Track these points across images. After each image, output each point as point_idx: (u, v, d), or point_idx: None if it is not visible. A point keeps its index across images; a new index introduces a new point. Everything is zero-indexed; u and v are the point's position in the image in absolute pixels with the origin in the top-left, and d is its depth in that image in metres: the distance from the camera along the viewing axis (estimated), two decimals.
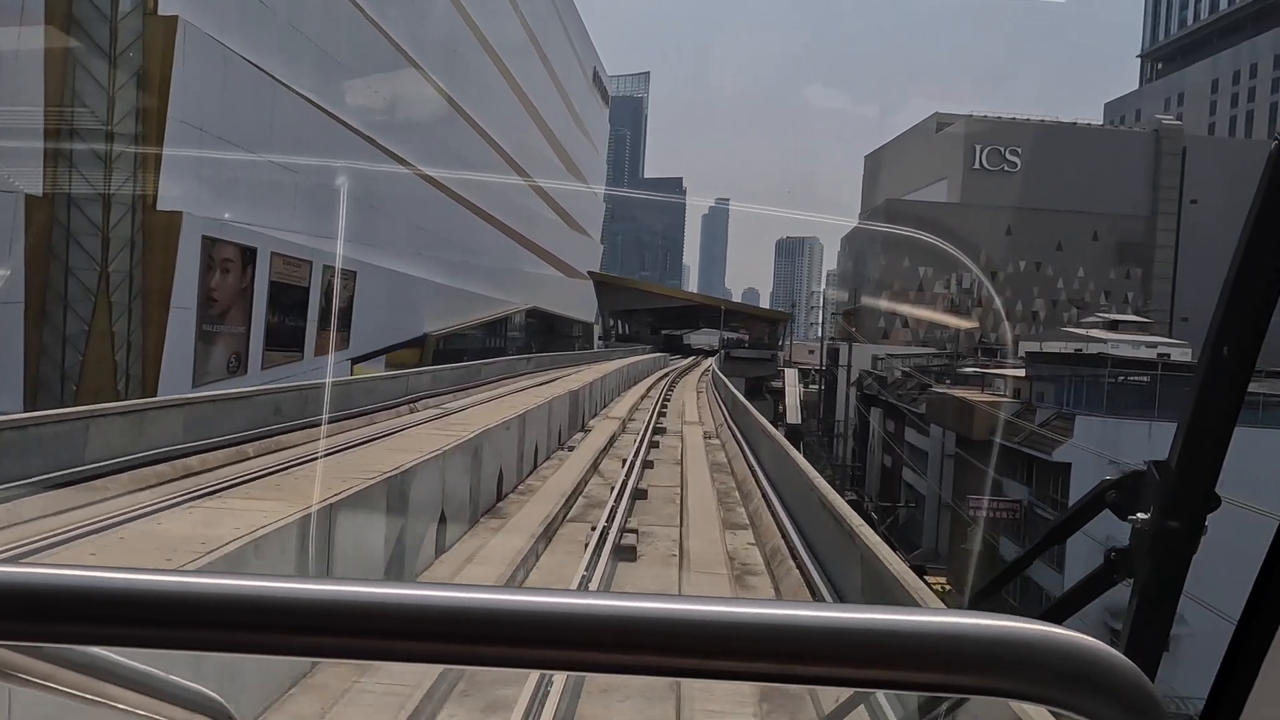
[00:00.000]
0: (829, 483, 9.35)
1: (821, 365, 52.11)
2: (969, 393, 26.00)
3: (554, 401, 15.91)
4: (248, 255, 25.84)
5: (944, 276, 57.88)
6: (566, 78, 71.19)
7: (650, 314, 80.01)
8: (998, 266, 57.81)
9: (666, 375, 41.27)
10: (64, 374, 21.15)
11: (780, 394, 69.93)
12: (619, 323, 78.95)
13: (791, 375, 72.66)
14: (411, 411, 18.86)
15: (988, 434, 21.23)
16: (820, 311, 70.44)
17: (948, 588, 21.04)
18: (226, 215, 24.68)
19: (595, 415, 22.25)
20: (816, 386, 67.28)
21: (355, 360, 34.39)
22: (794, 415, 62.90)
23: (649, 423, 20.49)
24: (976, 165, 59.91)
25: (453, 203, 46.15)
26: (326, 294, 31.67)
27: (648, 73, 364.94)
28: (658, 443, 17.94)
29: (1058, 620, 0.94)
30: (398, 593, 0.44)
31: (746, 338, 73.08)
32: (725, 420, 22.25)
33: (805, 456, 20.89)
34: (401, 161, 38.13)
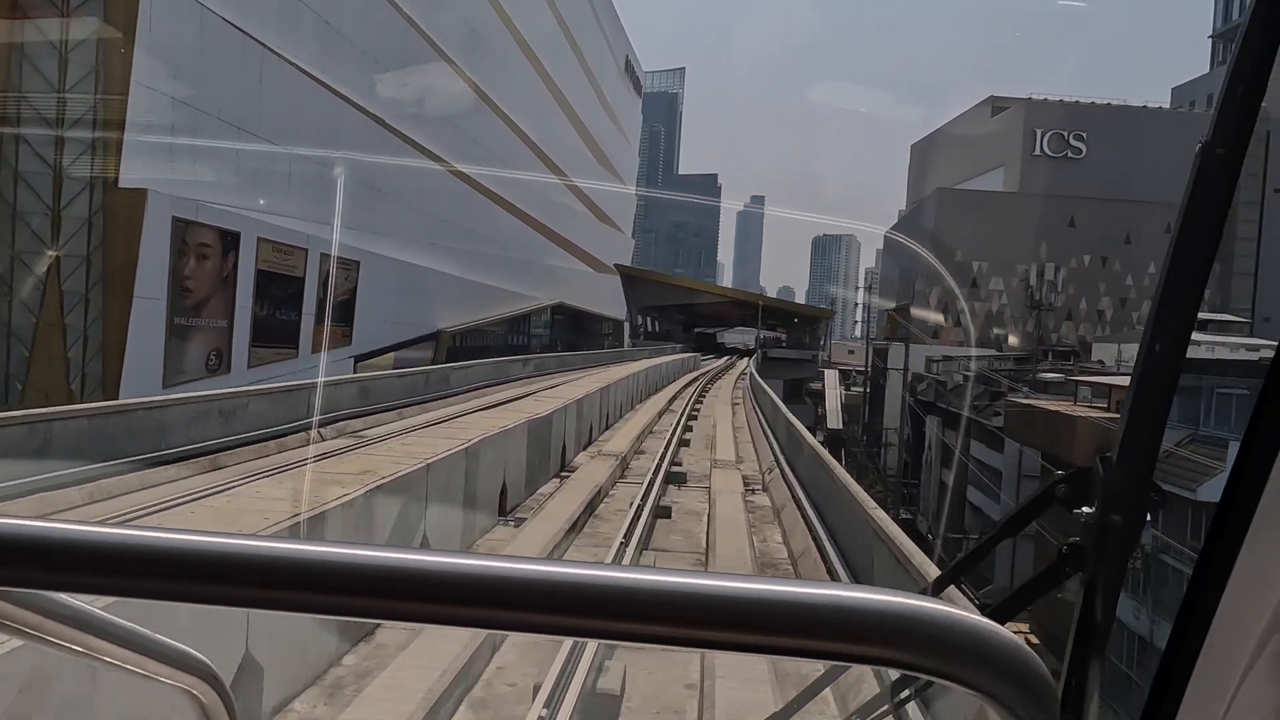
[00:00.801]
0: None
1: (866, 366, 48.25)
2: (1057, 404, 22.24)
3: (489, 441, 9.79)
4: (229, 240, 23.14)
5: (1001, 271, 53.55)
6: (596, 64, 68.13)
7: (682, 311, 76.12)
8: (1060, 260, 53.23)
9: (696, 380, 37.41)
10: (8, 372, 18.57)
11: (820, 396, 66.11)
12: (648, 320, 75.30)
13: (832, 376, 68.75)
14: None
15: (1090, 457, 17.52)
16: (864, 309, 66.38)
17: (1031, 639, 17.48)
18: (203, 196, 21.95)
19: (590, 443, 16.34)
20: (861, 389, 63.45)
21: (360, 359, 31.67)
22: (835, 420, 59.08)
23: (662, 460, 14.08)
24: (1037, 151, 55.40)
25: (471, 190, 43.34)
26: (326, 286, 28.96)
27: (683, 68, 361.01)
28: (669, 510, 10.97)
29: (1010, 616, 1.09)
30: (349, 553, 0.46)
31: (784, 336, 69.24)
32: (776, 461, 14.63)
33: (849, 468, 17.29)
34: (413, 145, 35.36)
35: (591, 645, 4.85)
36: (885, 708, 1.29)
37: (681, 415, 21.21)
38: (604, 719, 4.79)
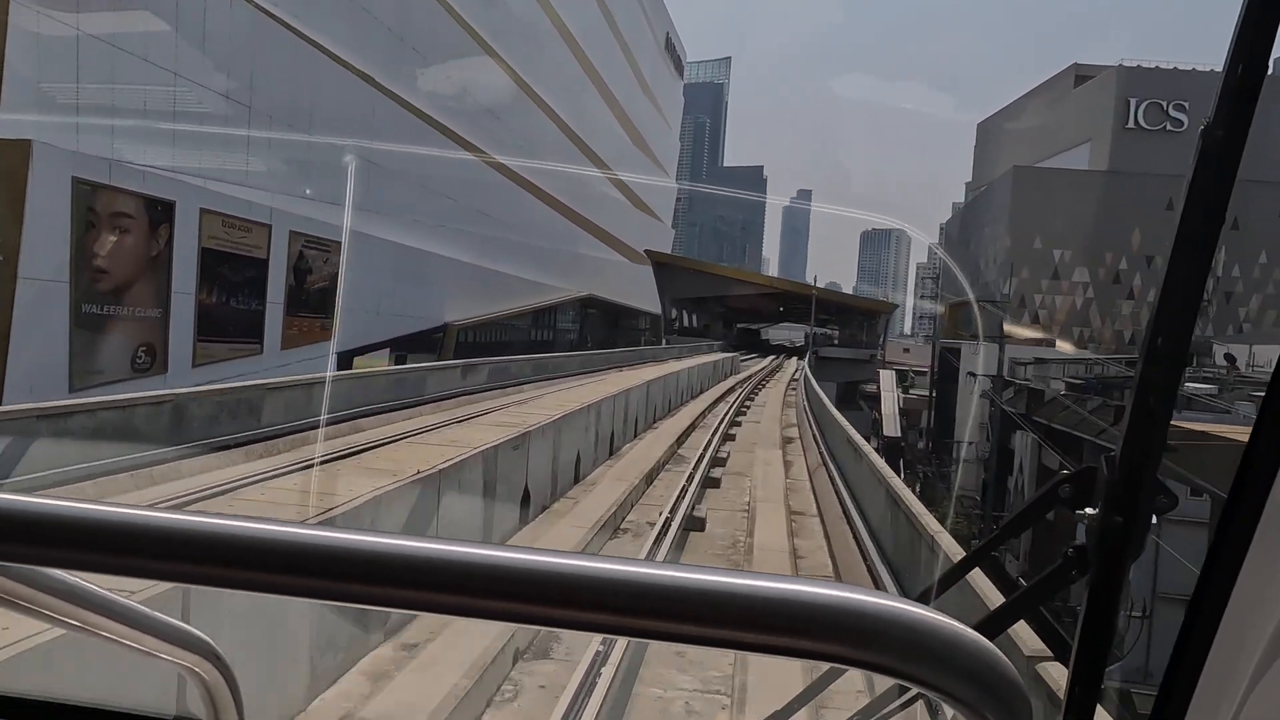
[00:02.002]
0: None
1: (931, 368, 42.49)
2: (1217, 426, 16.66)
3: None
4: (160, 211, 18.87)
5: (1086, 260, 47.06)
6: (633, 39, 63.15)
7: (722, 304, 69.70)
8: (1155, 249, 46.50)
9: (734, 391, 28.26)
10: None
11: (875, 400, 60.09)
12: (684, 313, 69.53)
13: (888, 378, 62.70)
14: None
15: None
16: (924, 305, 60.17)
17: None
18: (120, 153, 17.67)
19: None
20: (923, 392, 57.47)
21: (345, 355, 27.38)
22: (891, 426, 53.21)
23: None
24: (1131, 124, 48.60)
25: (487, 169, 38.84)
26: (300, 270, 24.67)
27: (729, 58, 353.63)
28: None
29: (1004, 627, 1.08)
30: (345, 538, 0.46)
31: (836, 333, 63.35)
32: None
33: (908, 481, 11.74)
34: (414, 111, 30.93)
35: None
36: (879, 715, 1.28)
37: (696, 475, 11.35)
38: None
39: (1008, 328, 48.91)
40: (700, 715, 4.95)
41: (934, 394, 40.26)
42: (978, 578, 4.34)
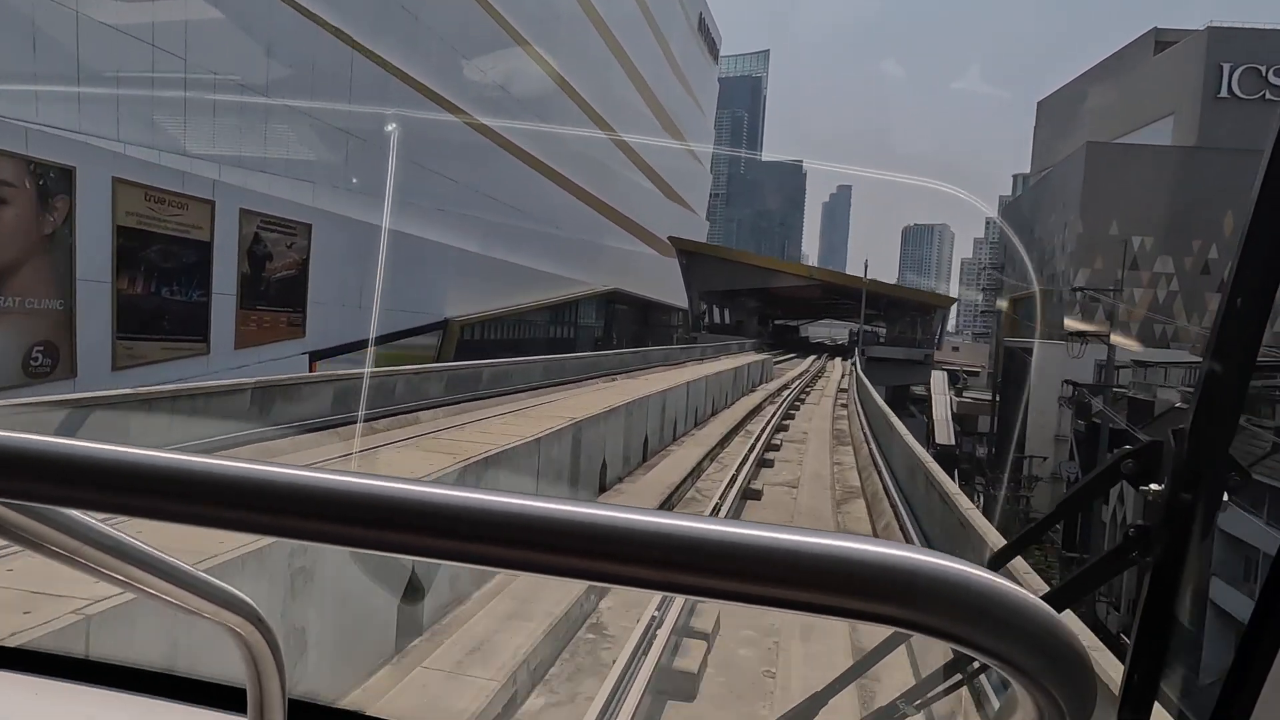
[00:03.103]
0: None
1: (994, 369, 37.56)
2: None
3: None
4: (54, 179, 15.34)
5: (1171, 248, 41.42)
6: (661, 16, 58.95)
7: (757, 298, 63.99)
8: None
9: (757, 414, 21.02)
10: None
11: (925, 403, 55.05)
12: (713, 308, 64.55)
13: (939, 379, 57.59)
14: None
15: None
16: (990, 295, 54.86)
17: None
18: None
19: None
20: (981, 396, 52.50)
21: (317, 355, 23.83)
22: (944, 433, 48.16)
23: None
24: (1223, 93, 42.87)
25: (496, 149, 35.11)
26: (256, 256, 21.13)
27: (767, 51, 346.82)
28: None
29: (1069, 602, 1.06)
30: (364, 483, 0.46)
31: (883, 331, 58.19)
32: None
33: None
34: (403, 78, 27.25)
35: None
36: (941, 686, 1.25)
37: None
38: None
39: (1075, 323, 43.58)
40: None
41: (997, 398, 35.35)
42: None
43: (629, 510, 0.44)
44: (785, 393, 26.47)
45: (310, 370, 23.40)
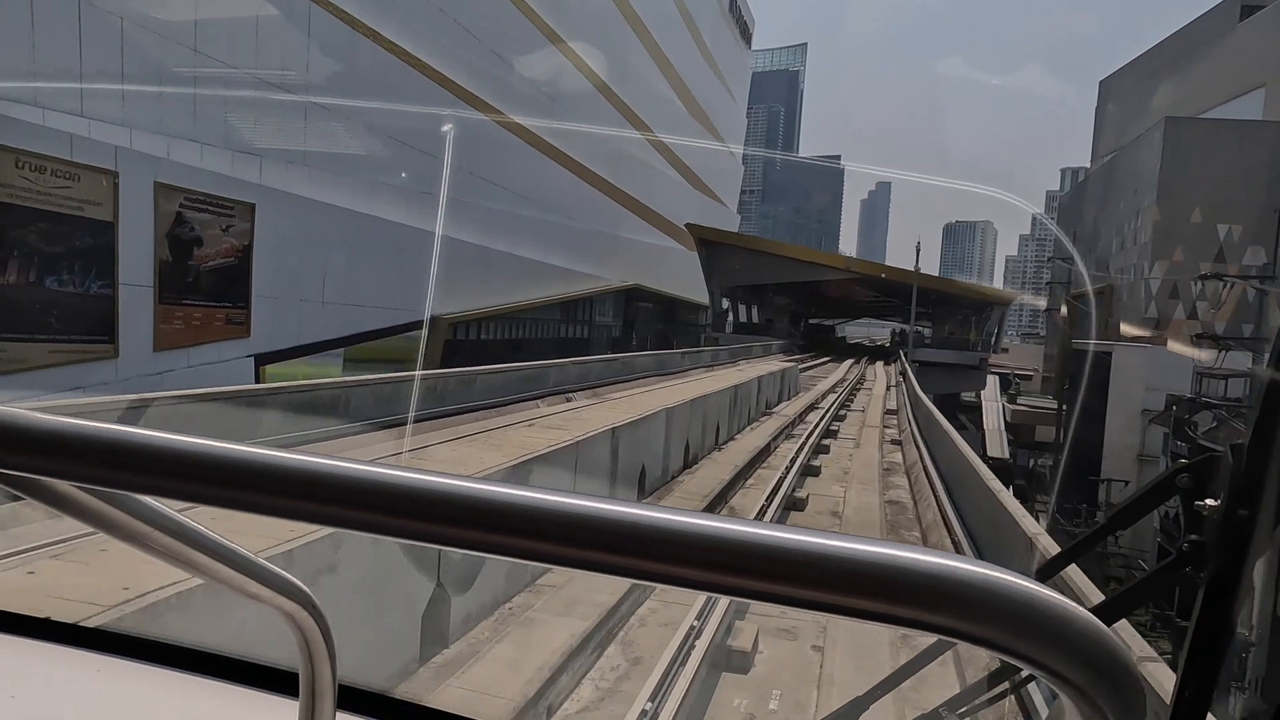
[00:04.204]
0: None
1: (1059, 374, 32.92)
2: None
3: None
4: None
5: (1263, 238, 36.36)
6: None
7: (787, 294, 58.39)
8: None
9: (764, 462, 14.18)
10: None
11: (975, 411, 50.16)
12: (738, 305, 59.56)
13: (990, 385, 52.68)
14: None
15: None
16: (1059, 290, 49.81)
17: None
18: None
19: None
20: (1036, 404, 47.69)
21: (264, 359, 20.42)
22: (996, 445, 43.42)
23: None
24: None
25: (496, 128, 31.51)
26: (180, 240, 17.73)
27: (805, 44, 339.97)
28: None
29: (1119, 615, 1.04)
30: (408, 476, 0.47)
31: (928, 331, 53.23)
32: None
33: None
34: (373, 36, 23.74)
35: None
36: (986, 695, 1.25)
37: None
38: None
39: (1138, 318, 38.56)
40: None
41: (1064, 410, 30.70)
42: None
43: (693, 515, 0.44)
44: (812, 417, 19.87)
45: (258, 378, 20.06)
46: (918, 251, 41.63)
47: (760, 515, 11.06)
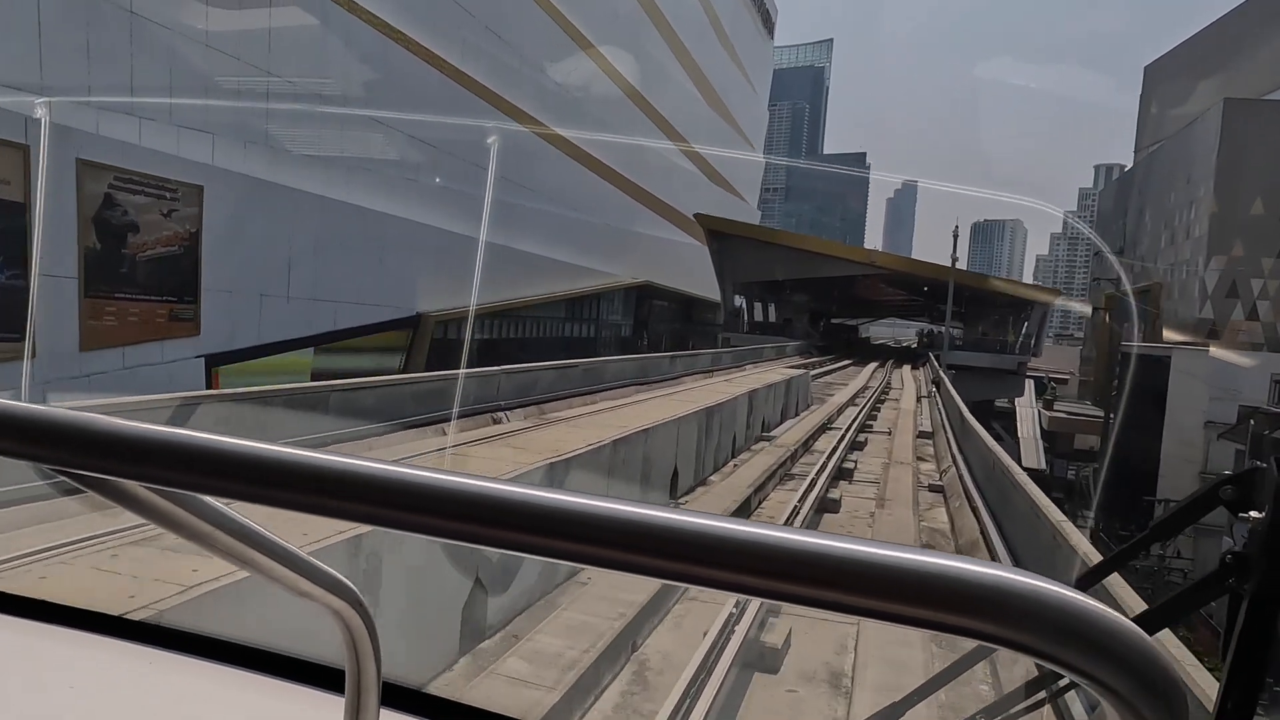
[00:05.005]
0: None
1: (1110, 380, 30.09)
2: None
3: None
4: None
5: None
6: None
7: (806, 290, 55.22)
8: None
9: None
10: None
11: (1009, 419, 47.15)
12: (752, 303, 56.53)
13: (1028, 390, 49.60)
14: None
15: None
16: (1106, 287, 46.62)
17: None
18: None
19: None
20: (1076, 411, 44.73)
21: (217, 360, 18.37)
22: (1031, 454, 40.47)
23: None
24: None
25: (491, 110, 29.36)
26: (110, 225, 15.72)
27: (830, 40, 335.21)
28: None
29: (1160, 626, 1.06)
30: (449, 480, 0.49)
31: (958, 332, 50.14)
32: None
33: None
34: (349, 6, 21.65)
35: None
36: (1024, 703, 1.27)
37: None
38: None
39: (1190, 319, 35.28)
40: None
41: (1112, 419, 27.86)
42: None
43: (742, 523, 0.45)
44: (822, 444, 15.74)
45: (212, 382, 18.05)
46: (955, 239, 38.59)
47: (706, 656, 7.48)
